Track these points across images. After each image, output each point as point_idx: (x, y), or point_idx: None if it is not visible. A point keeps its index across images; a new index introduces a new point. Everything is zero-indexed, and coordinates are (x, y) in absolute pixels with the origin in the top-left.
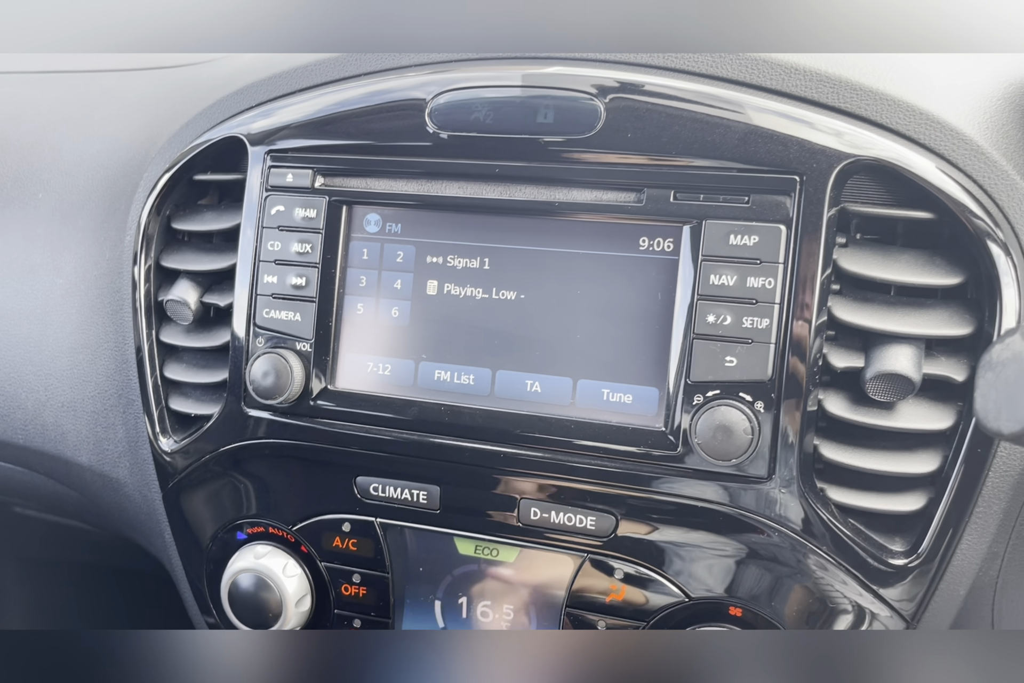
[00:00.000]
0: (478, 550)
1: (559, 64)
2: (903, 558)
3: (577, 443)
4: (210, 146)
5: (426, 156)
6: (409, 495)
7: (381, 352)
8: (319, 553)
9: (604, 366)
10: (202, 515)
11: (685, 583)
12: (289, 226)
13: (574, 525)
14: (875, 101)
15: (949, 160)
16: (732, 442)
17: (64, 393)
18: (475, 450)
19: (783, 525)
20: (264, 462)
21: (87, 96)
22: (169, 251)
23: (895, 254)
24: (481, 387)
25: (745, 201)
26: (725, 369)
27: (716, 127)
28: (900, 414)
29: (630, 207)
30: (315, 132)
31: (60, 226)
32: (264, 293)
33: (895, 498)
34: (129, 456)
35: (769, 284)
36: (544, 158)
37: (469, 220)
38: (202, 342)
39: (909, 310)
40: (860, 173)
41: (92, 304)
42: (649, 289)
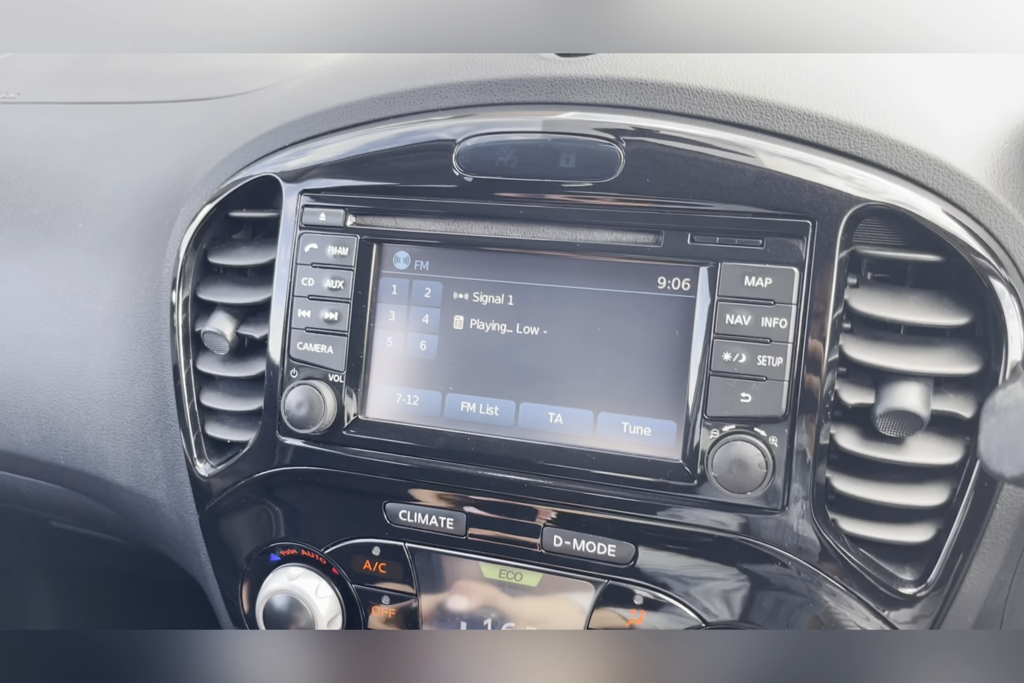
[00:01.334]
0: (502, 574)
1: (578, 110)
2: (913, 587)
3: (598, 473)
4: (246, 184)
5: (453, 198)
6: (436, 521)
7: (410, 384)
8: (350, 575)
9: (624, 399)
10: (237, 537)
11: (701, 609)
12: (322, 263)
13: (595, 552)
14: (885, 147)
15: (956, 204)
16: (747, 476)
17: (104, 417)
18: (500, 479)
19: (796, 554)
20: (297, 488)
21: (123, 127)
22: (205, 283)
23: (904, 294)
24: (505, 418)
25: (759, 244)
26: (741, 405)
27: (732, 172)
28: (909, 449)
29: (649, 248)
30: (347, 172)
31: (100, 256)
32: (298, 327)
33: (905, 529)
34: (166, 478)
35: (783, 324)
36: (566, 201)
37: (494, 259)
38: (237, 372)
39: (918, 348)
40: (871, 217)
41: (131, 332)
42: (667, 327)
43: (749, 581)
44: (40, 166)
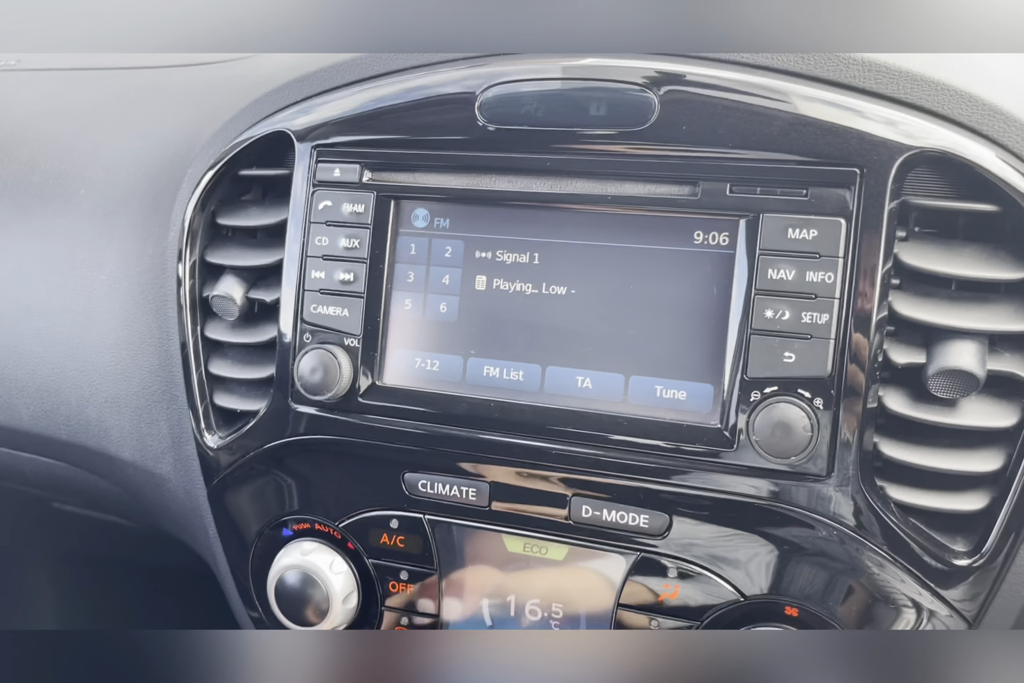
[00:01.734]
0: (527, 548)
1: (609, 56)
2: (965, 558)
3: (629, 440)
4: (255, 142)
5: (475, 150)
6: (458, 492)
7: (429, 348)
8: (366, 550)
9: (657, 362)
10: (247, 511)
11: (740, 582)
12: (337, 221)
13: (626, 523)
14: (935, 91)
15: (1013, 151)
16: (791, 440)
17: (108, 389)
18: (525, 447)
19: (841, 523)
20: (310, 458)
21: (127, 93)
22: (214, 247)
23: (957, 248)
24: (531, 383)
25: (803, 194)
26: (783, 365)
27: (773, 119)
28: (963, 411)
29: (685, 200)
30: (362, 127)
31: (103, 223)
32: (312, 288)
33: (957, 497)
34: (173, 452)
35: (829, 278)
36: (596, 151)
37: (518, 214)
38: (247, 338)
39: (972, 305)
40: (921, 165)
41: (135, 300)
42: (704, 284)
43: (790, 552)
44: (41, 133)
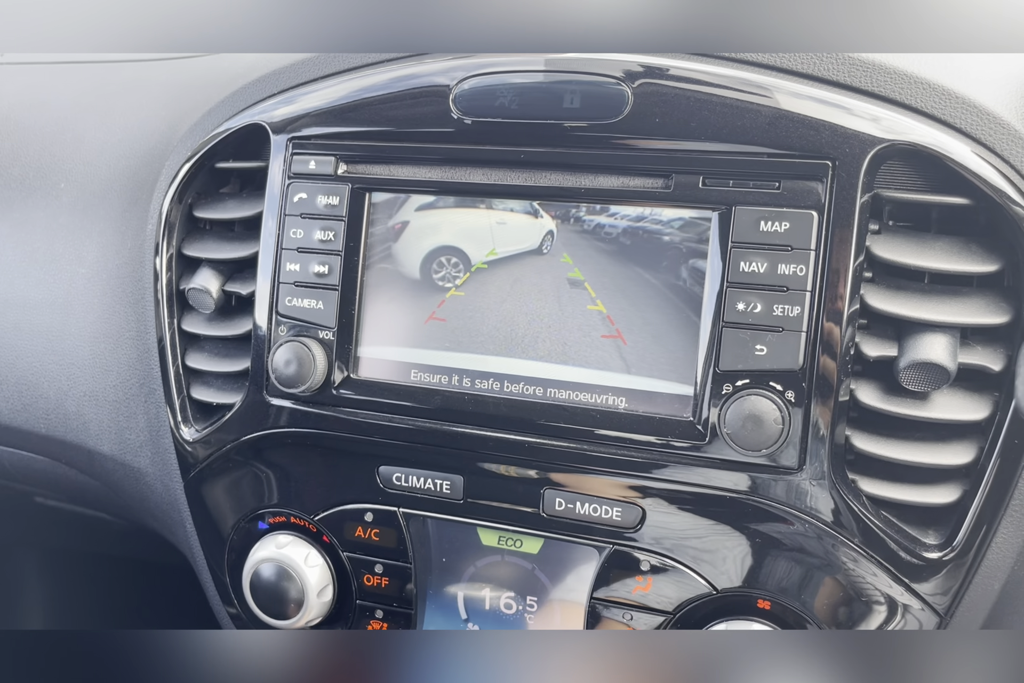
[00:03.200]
0: (501, 541)
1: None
2: (937, 551)
3: (602, 433)
4: (232, 134)
5: (450, 142)
6: (432, 485)
7: (404, 341)
8: (341, 543)
9: (630, 355)
10: (223, 504)
11: (712, 576)
12: (311, 213)
13: (599, 516)
14: (909, 85)
15: (986, 145)
16: (762, 432)
17: (86, 382)
18: (498, 439)
19: (813, 516)
20: (286, 451)
21: (107, 86)
22: (191, 240)
23: (930, 241)
24: (505, 377)
25: (776, 187)
26: (755, 358)
27: (746, 112)
28: (934, 404)
29: (658, 193)
30: (338, 119)
31: (82, 216)
32: (286, 281)
33: (929, 490)
34: (151, 445)
35: (801, 271)
36: (570, 144)
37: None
38: (224, 331)
39: (944, 298)
40: (894, 158)
41: (114, 293)
42: (676, 276)
43: (763, 545)
44: (21, 126)
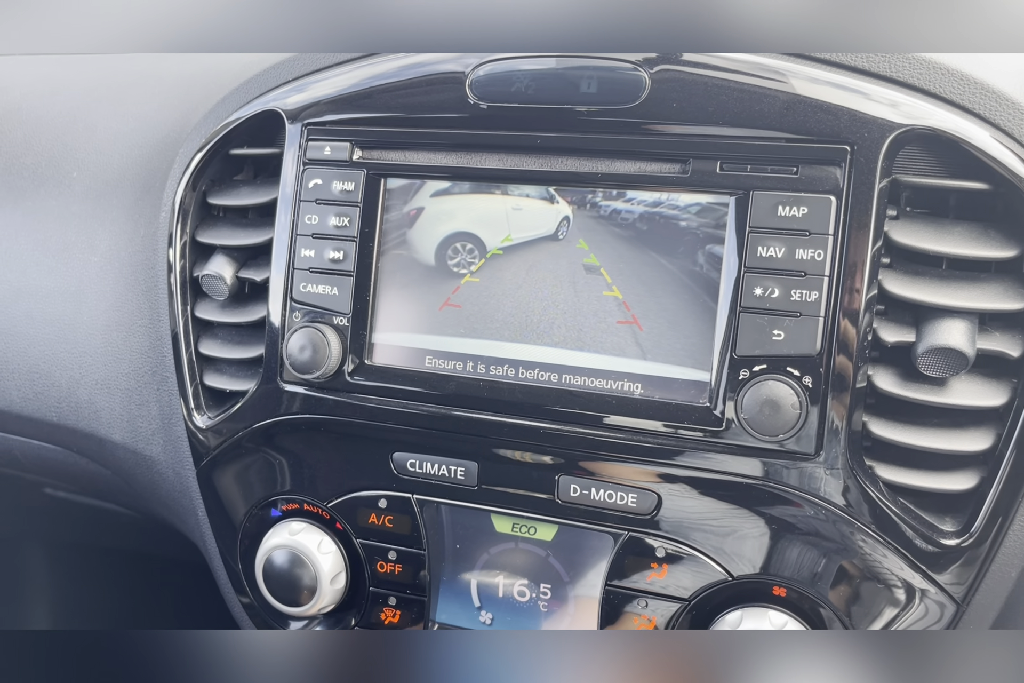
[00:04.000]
0: (515, 528)
1: None
2: (954, 538)
3: (618, 419)
4: (246, 121)
5: (466, 128)
6: (447, 471)
7: (419, 327)
8: (354, 530)
9: (647, 341)
10: (236, 492)
11: (728, 562)
12: (327, 199)
13: (614, 502)
14: (927, 70)
15: (1005, 131)
16: (780, 417)
17: (98, 371)
18: (513, 425)
19: (830, 503)
20: (299, 438)
21: (120, 76)
22: (205, 227)
23: (948, 226)
24: (521, 362)
25: (794, 171)
26: (772, 343)
27: (763, 96)
28: (952, 390)
29: (675, 178)
30: (353, 105)
31: (95, 204)
32: (301, 267)
33: (946, 477)
34: (163, 433)
35: (818, 256)
36: (586, 129)
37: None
38: (238, 317)
39: (962, 284)
40: (912, 144)
41: (127, 281)
42: (693, 261)
43: (779, 532)
44: (34, 115)
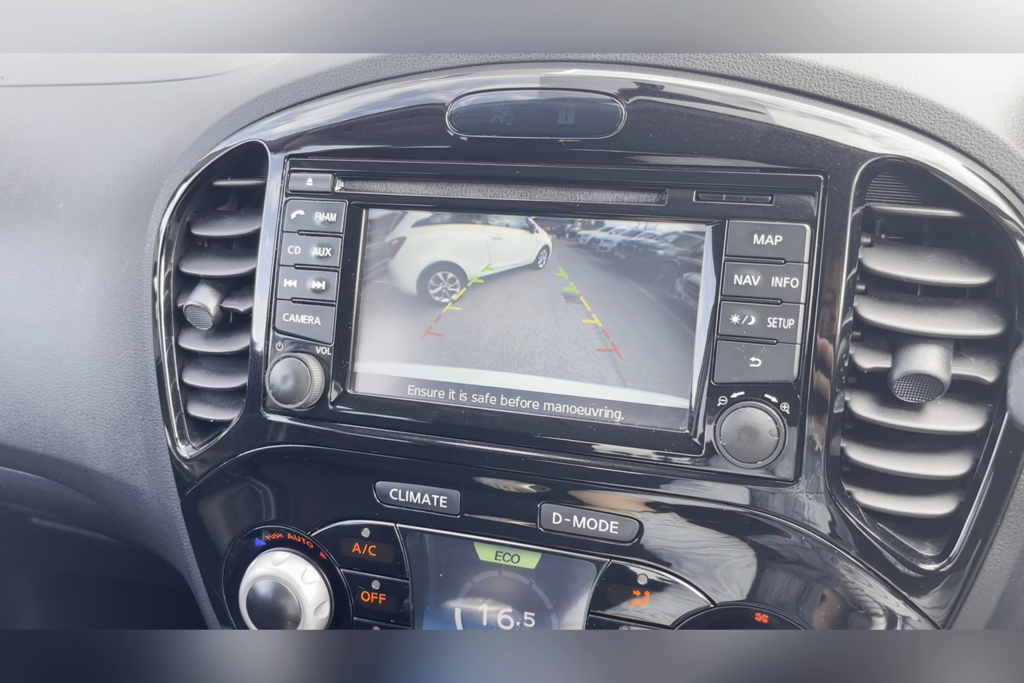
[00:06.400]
0: (499, 556)
1: (578, 67)
2: (934, 563)
3: (599, 447)
4: (230, 152)
5: (446, 159)
6: (429, 500)
7: (401, 357)
8: (338, 559)
9: (625, 369)
10: (220, 522)
11: (710, 589)
12: (309, 230)
13: (596, 530)
14: (899, 100)
15: (976, 159)
16: (758, 444)
17: (83, 401)
18: (495, 454)
19: (810, 529)
20: (283, 467)
21: (107, 107)
22: (189, 257)
23: (921, 254)
24: (502, 391)
25: (768, 200)
26: (750, 370)
27: (738, 127)
28: (929, 416)
29: (652, 208)
30: (335, 136)
31: (80, 235)
32: (284, 297)
33: (925, 502)
34: (147, 463)
35: (794, 284)
36: (564, 159)
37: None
38: (221, 347)
39: (937, 310)
40: (884, 172)
41: (112, 312)
42: (672, 289)
43: (760, 558)
44: (21, 146)
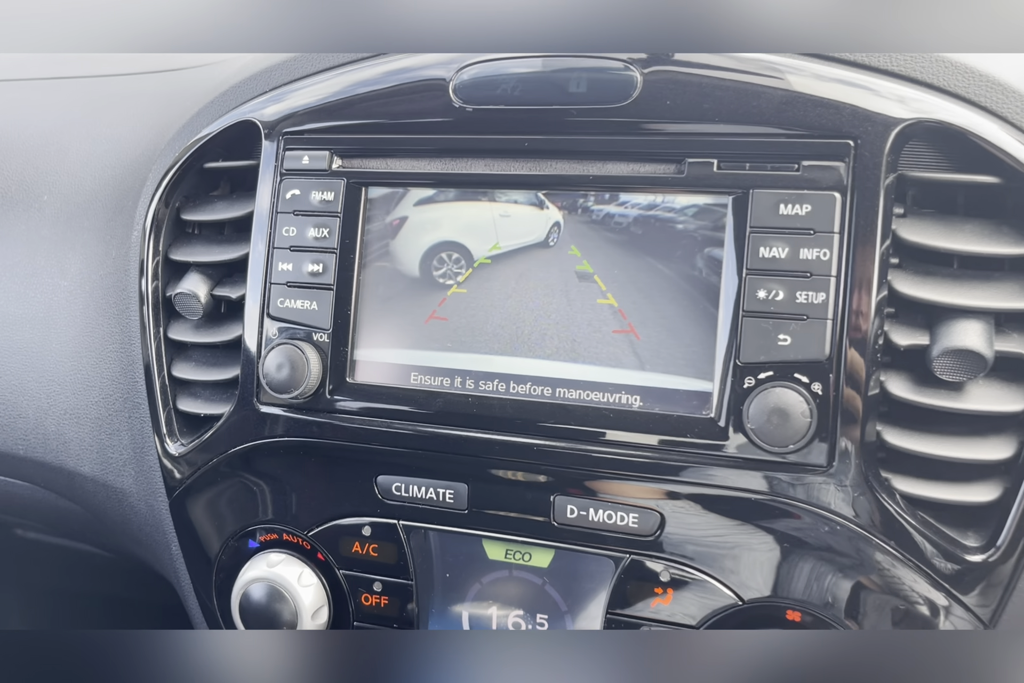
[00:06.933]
0: (509, 554)
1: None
2: (978, 554)
3: (616, 434)
4: (222, 132)
5: (450, 132)
6: (434, 494)
7: (403, 342)
8: (337, 560)
9: (644, 350)
10: (211, 523)
11: (737, 585)
12: (305, 210)
13: (614, 523)
14: (932, 64)
15: (1013, 123)
16: (789, 426)
17: (67, 400)
18: (505, 443)
19: (845, 518)
20: (278, 463)
21: (95, 99)
22: (178, 244)
23: (958, 224)
24: (511, 376)
25: (795, 169)
26: (778, 348)
27: (761, 92)
28: (970, 395)
29: (670, 179)
30: (332, 113)
31: (65, 227)
32: (278, 281)
33: (967, 488)
34: (134, 464)
35: (824, 255)
36: (576, 130)
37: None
38: (212, 337)
39: (976, 283)
40: (917, 138)
41: (97, 305)
42: (693, 265)
43: (791, 551)
44: (5, 139)
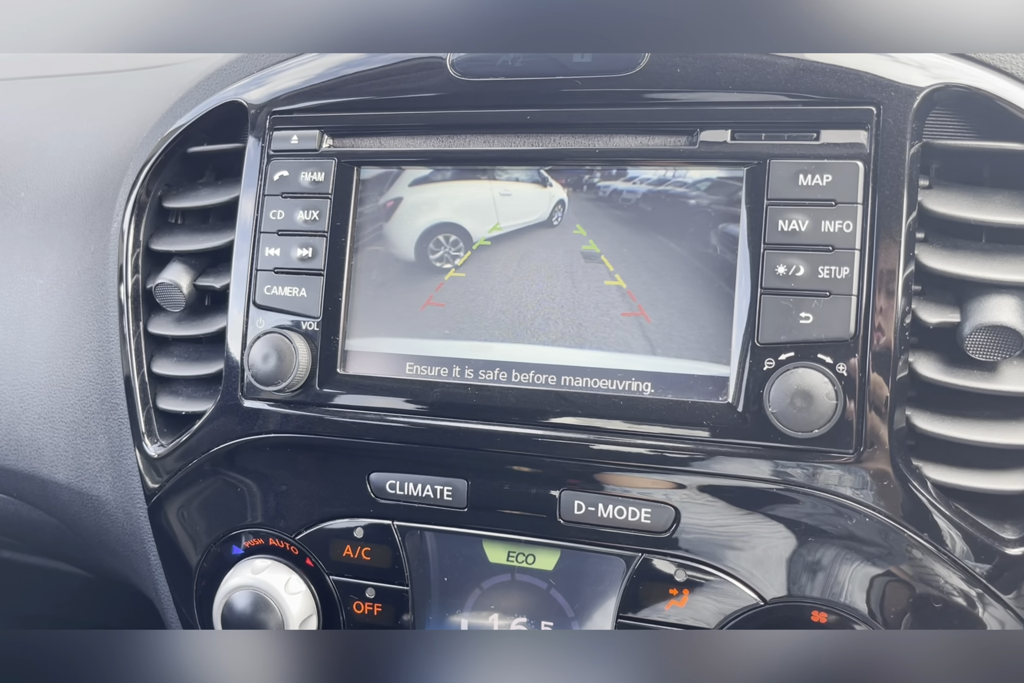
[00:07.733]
0: (511, 557)
1: None
2: (1018, 547)
3: (626, 423)
4: (207, 115)
5: (447, 108)
6: (432, 492)
7: (397, 330)
8: (327, 565)
9: (656, 332)
10: (192, 527)
11: (758, 584)
12: (294, 192)
13: (625, 520)
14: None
15: None
16: (813, 409)
17: (41, 403)
18: (507, 435)
19: (875, 509)
20: (263, 462)
21: (76, 96)
22: (160, 234)
23: (987, 195)
24: (511, 363)
25: (814, 137)
26: (800, 327)
27: (777, 59)
28: (1004, 376)
29: (681, 151)
30: (323, 91)
31: (43, 224)
32: (265, 268)
33: (1004, 476)
34: (111, 469)
35: (847, 228)
36: (581, 102)
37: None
38: (194, 330)
39: (1007, 256)
40: (942, 104)
41: (74, 302)
42: (706, 242)
43: (817, 546)
44: None
